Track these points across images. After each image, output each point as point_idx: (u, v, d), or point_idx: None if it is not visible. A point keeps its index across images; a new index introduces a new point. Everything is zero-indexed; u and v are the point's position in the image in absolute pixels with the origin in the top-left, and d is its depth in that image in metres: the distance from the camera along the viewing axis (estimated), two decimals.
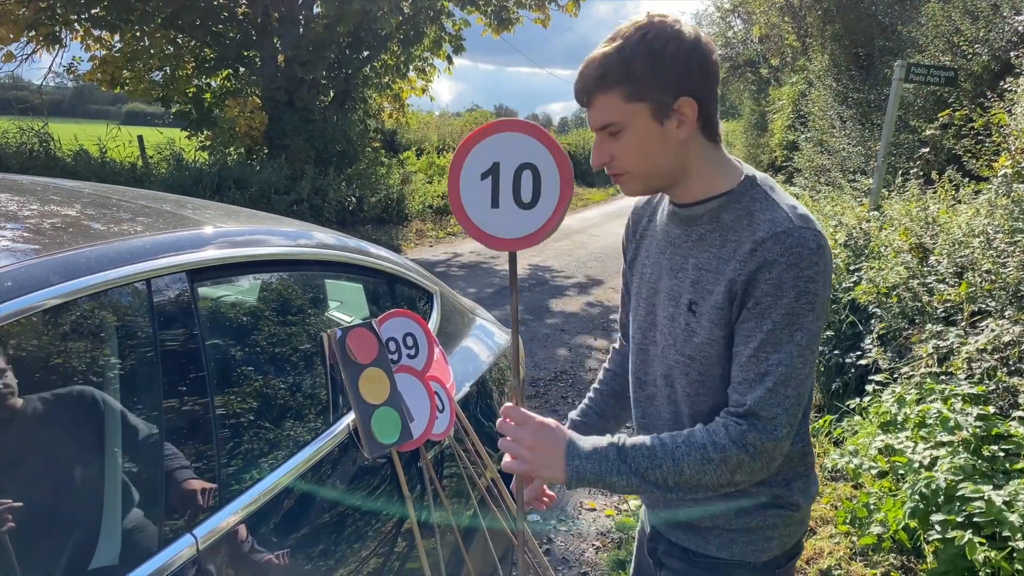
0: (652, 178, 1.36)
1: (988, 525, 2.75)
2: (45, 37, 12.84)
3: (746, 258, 1.27)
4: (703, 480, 1.30)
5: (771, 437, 1.27)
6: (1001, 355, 3.72)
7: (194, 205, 2.10)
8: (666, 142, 1.30)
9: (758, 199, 1.32)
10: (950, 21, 8.12)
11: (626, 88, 1.26)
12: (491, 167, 1.30)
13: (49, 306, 1.22)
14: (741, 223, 1.31)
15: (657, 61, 1.24)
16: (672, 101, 1.27)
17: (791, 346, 1.25)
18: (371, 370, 1.93)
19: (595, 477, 1.31)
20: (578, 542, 3.71)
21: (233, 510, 1.46)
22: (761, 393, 1.27)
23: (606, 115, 1.29)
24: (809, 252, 1.23)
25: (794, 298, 1.23)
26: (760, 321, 1.26)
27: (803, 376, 1.28)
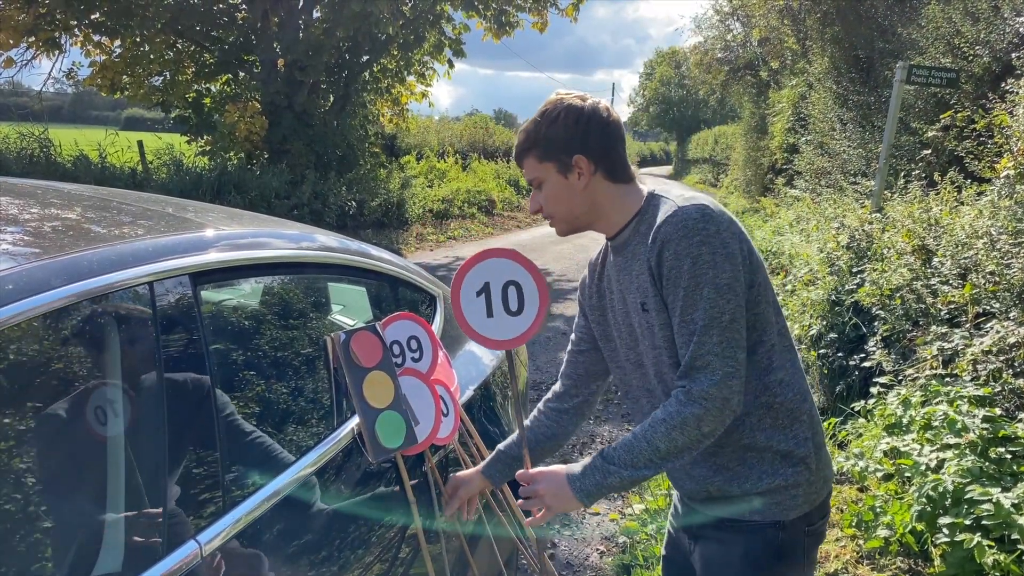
0: (570, 219, 1.68)
1: (997, 528, 2.73)
2: (45, 43, 12.84)
3: (651, 246, 1.52)
4: (679, 444, 1.51)
5: (710, 382, 1.47)
6: (1006, 357, 3.70)
7: (196, 208, 2.08)
8: (572, 190, 1.63)
9: (656, 203, 1.60)
10: (950, 23, 8.11)
11: (536, 151, 1.64)
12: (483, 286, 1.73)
13: (50, 309, 1.20)
14: (650, 225, 1.57)
15: (552, 130, 1.61)
16: (569, 159, 1.61)
17: (702, 301, 1.47)
18: (375, 374, 1.91)
19: (597, 487, 1.58)
20: (582, 546, 3.69)
21: (237, 516, 1.44)
22: (692, 348, 1.48)
23: (530, 172, 1.66)
24: (693, 222, 1.47)
25: (691, 263, 1.46)
26: (675, 292, 1.49)
27: (724, 322, 1.47)
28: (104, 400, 1.29)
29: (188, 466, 1.39)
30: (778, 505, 1.62)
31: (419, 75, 16.88)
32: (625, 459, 1.55)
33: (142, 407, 1.34)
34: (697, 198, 1.53)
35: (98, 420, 1.28)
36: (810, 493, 1.63)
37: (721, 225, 1.49)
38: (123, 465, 1.29)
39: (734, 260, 1.48)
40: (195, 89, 14.48)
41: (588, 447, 4.87)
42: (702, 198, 1.54)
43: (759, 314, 1.56)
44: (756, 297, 1.55)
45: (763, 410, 1.59)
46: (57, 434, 1.24)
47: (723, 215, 1.52)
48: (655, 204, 1.60)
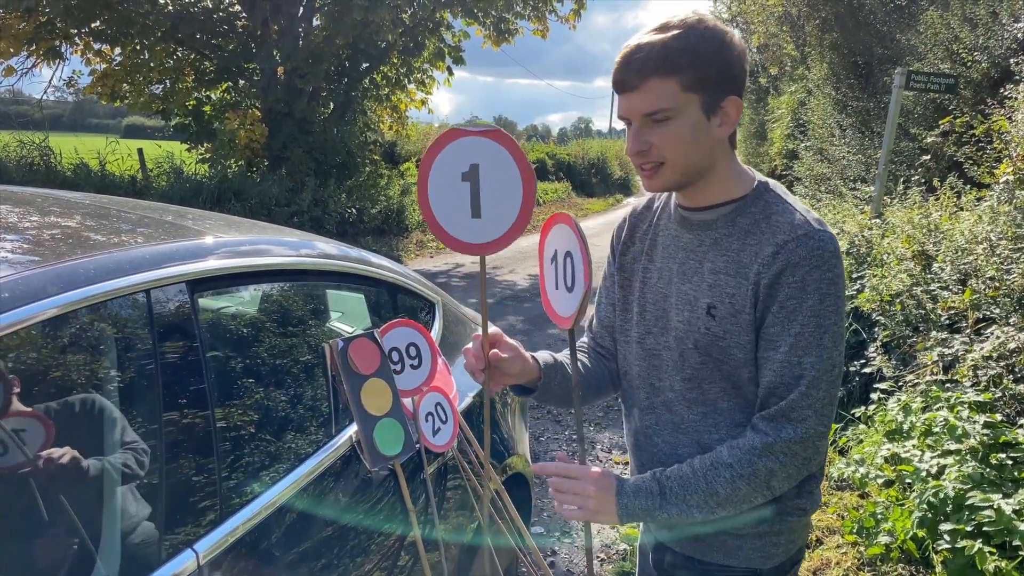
0: (686, 172, 1.33)
1: (998, 534, 2.72)
2: (45, 51, 12.86)
3: (769, 261, 1.28)
4: (741, 495, 1.32)
5: (799, 438, 1.29)
6: (1007, 362, 3.69)
7: (194, 216, 2.08)
8: (708, 138, 1.30)
9: (773, 203, 1.34)
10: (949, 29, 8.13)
11: (687, 76, 1.25)
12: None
13: (47, 317, 1.20)
14: (759, 227, 1.32)
15: (719, 55, 1.26)
16: (722, 98, 1.28)
17: (820, 349, 1.27)
18: (373, 381, 1.90)
19: (644, 513, 1.36)
20: (582, 554, 3.67)
21: (235, 524, 1.43)
22: (794, 396, 1.28)
23: (658, 101, 1.26)
24: (829, 254, 1.26)
25: (818, 300, 1.26)
26: (787, 325, 1.28)
27: (832, 378, 1.29)
28: (101, 407, 1.29)
29: (185, 474, 1.38)
30: (758, 551, 1.46)
31: (419, 82, 16.89)
32: (680, 494, 1.34)
33: (139, 414, 1.34)
34: (822, 220, 1.31)
35: (95, 427, 1.27)
36: (791, 542, 1.48)
37: (842, 265, 1.30)
38: (119, 474, 1.29)
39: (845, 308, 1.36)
40: (195, 97, 14.49)
41: (588, 454, 4.86)
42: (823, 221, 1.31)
43: None
44: None
45: None
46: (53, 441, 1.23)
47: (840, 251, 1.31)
48: (771, 202, 1.34)
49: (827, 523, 3.67)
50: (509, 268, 11.95)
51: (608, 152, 32.34)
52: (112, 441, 1.29)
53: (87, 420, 1.27)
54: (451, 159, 1.33)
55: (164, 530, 1.31)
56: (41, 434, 1.20)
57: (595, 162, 30.64)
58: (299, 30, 14.05)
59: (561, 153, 29.57)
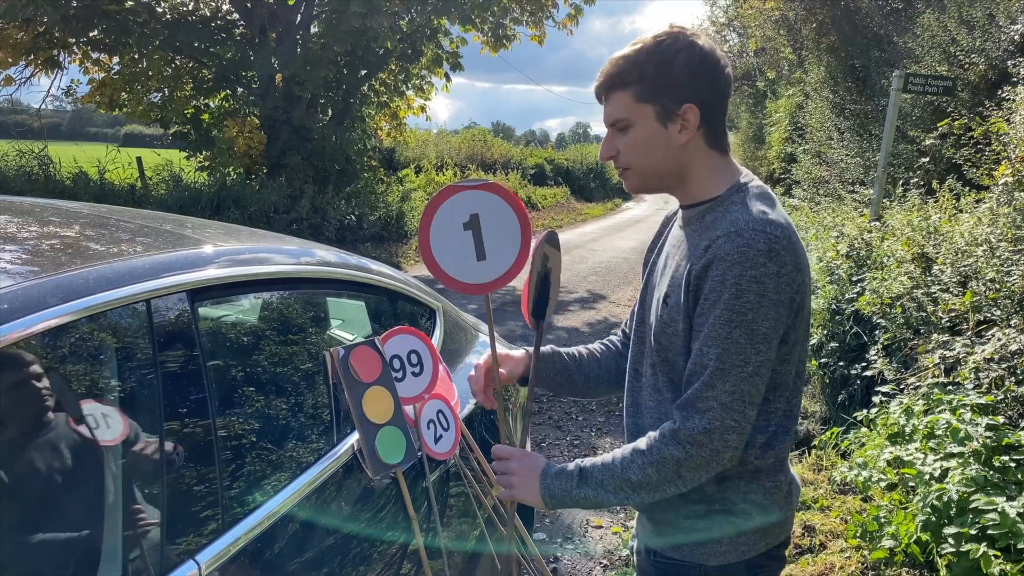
0: (651, 177, 1.45)
1: (1002, 537, 2.71)
2: (44, 61, 12.88)
3: (701, 254, 1.33)
4: (652, 481, 1.37)
5: (703, 428, 1.32)
6: (1009, 364, 3.68)
7: (194, 224, 2.08)
8: (667, 144, 1.39)
9: (736, 203, 1.38)
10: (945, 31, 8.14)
11: (636, 88, 1.36)
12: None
13: (47, 328, 1.19)
14: (714, 224, 1.37)
15: (667, 67, 1.35)
16: (677, 106, 1.36)
17: (728, 342, 1.29)
18: (375, 389, 1.90)
19: (563, 495, 1.45)
20: (585, 561, 3.66)
21: (237, 535, 1.43)
22: (697, 385, 1.33)
23: (617, 111, 1.40)
24: (756, 252, 1.27)
25: (734, 295, 1.28)
26: (706, 317, 1.32)
27: (744, 374, 1.30)
28: (101, 417, 1.28)
29: (187, 484, 1.37)
30: (699, 547, 1.47)
31: (417, 89, 16.93)
32: (598, 478, 1.42)
33: (140, 425, 1.33)
34: (773, 224, 1.31)
35: (95, 438, 1.26)
36: (740, 544, 1.47)
37: (783, 267, 1.29)
38: (121, 484, 1.28)
39: (780, 310, 1.30)
40: (193, 105, 14.51)
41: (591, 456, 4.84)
42: (779, 225, 1.32)
43: (779, 372, 1.39)
44: (784, 355, 1.38)
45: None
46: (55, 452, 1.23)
47: (790, 254, 1.30)
48: (734, 202, 1.38)
49: (830, 527, 3.66)
50: None
51: None
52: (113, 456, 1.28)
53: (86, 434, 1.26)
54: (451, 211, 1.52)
55: (166, 540, 1.30)
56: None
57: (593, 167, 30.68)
58: (297, 37, 14.07)
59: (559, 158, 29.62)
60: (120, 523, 1.26)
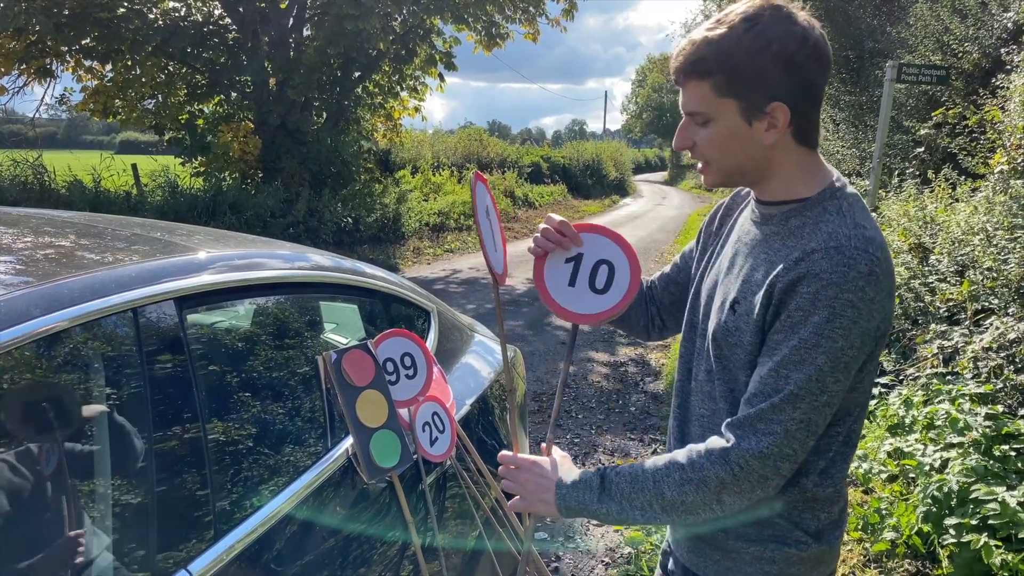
0: (733, 174, 1.32)
1: (1003, 527, 2.70)
2: (36, 70, 12.86)
3: (791, 266, 1.20)
4: (688, 502, 1.26)
5: (758, 452, 1.21)
6: (1007, 353, 3.68)
7: (183, 231, 2.07)
8: (751, 142, 1.26)
9: (830, 211, 1.25)
10: (939, 20, 8.14)
11: (720, 80, 1.21)
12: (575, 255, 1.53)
13: (31, 339, 1.18)
14: (804, 231, 1.25)
15: (757, 60, 1.19)
16: (765, 103, 1.22)
17: (811, 367, 1.18)
18: (368, 393, 1.89)
19: (581, 507, 1.34)
20: (587, 559, 3.65)
21: (229, 543, 1.41)
22: (766, 406, 1.21)
23: (694, 103, 1.26)
24: (856, 275, 1.15)
25: (827, 318, 1.16)
26: (788, 336, 1.20)
27: (818, 404, 1.19)
28: (88, 429, 1.27)
29: (177, 495, 1.36)
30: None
31: (411, 90, 16.91)
32: (624, 491, 1.30)
33: (128, 436, 1.32)
34: (874, 242, 1.19)
35: (82, 450, 1.25)
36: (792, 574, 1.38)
37: (879, 293, 1.17)
38: (109, 496, 1.27)
39: (867, 338, 1.19)
40: (188, 111, 14.49)
41: (590, 456, 4.84)
42: (878, 244, 1.20)
43: (848, 400, 1.27)
44: (857, 383, 1.26)
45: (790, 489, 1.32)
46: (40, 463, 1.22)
47: (887, 279, 1.19)
48: (828, 209, 1.25)
49: None
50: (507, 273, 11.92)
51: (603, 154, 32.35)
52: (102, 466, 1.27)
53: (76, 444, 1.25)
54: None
55: (156, 550, 1.29)
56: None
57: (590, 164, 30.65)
58: (290, 40, 14.06)
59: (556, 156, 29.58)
60: (109, 533, 1.25)
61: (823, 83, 1.25)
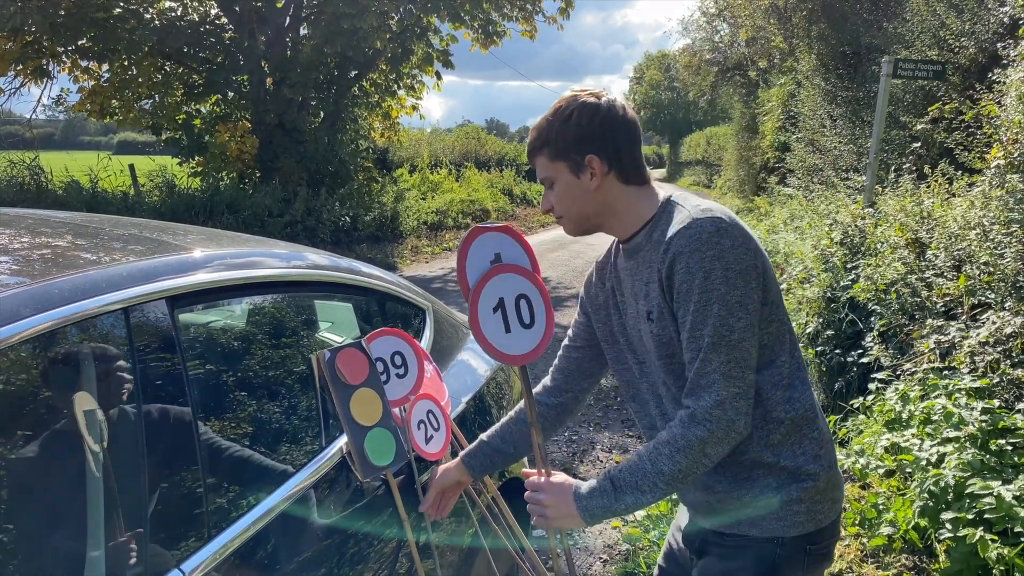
0: (581, 220, 1.62)
1: (999, 521, 2.71)
2: (33, 70, 12.85)
3: (663, 256, 1.46)
4: (683, 467, 1.45)
5: (714, 402, 1.42)
6: (1003, 347, 3.68)
7: (176, 231, 2.06)
8: (584, 191, 1.57)
9: (672, 211, 1.53)
10: (935, 15, 8.13)
11: (548, 150, 1.57)
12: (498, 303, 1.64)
13: (21, 339, 1.18)
14: (664, 233, 1.50)
15: (564, 128, 1.54)
16: (581, 159, 1.54)
17: (712, 318, 1.41)
18: (362, 391, 1.88)
19: (603, 510, 1.51)
20: (585, 556, 3.65)
21: (222, 542, 1.42)
22: (697, 365, 1.43)
23: (542, 171, 1.60)
24: (708, 235, 1.41)
25: (703, 278, 1.40)
26: (685, 306, 1.44)
27: (733, 342, 1.42)
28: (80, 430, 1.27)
29: (170, 494, 1.36)
30: (778, 520, 1.56)
31: (409, 88, 16.90)
32: (631, 482, 1.49)
33: (120, 436, 1.32)
34: (713, 209, 1.47)
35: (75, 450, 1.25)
36: (814, 512, 1.57)
37: (736, 240, 1.43)
38: (102, 496, 1.27)
39: (747, 276, 1.43)
40: (185, 111, 14.48)
41: (588, 454, 4.84)
42: (718, 209, 1.48)
43: (771, 332, 1.52)
44: (768, 315, 1.50)
45: (771, 425, 1.53)
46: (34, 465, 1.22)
47: (738, 228, 1.45)
48: (670, 211, 1.54)
49: None
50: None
51: None
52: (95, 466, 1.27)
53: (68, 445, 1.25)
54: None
55: (149, 549, 1.29)
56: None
57: None
58: (286, 39, 14.05)
59: None
60: (102, 532, 1.25)
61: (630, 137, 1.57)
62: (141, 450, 1.32)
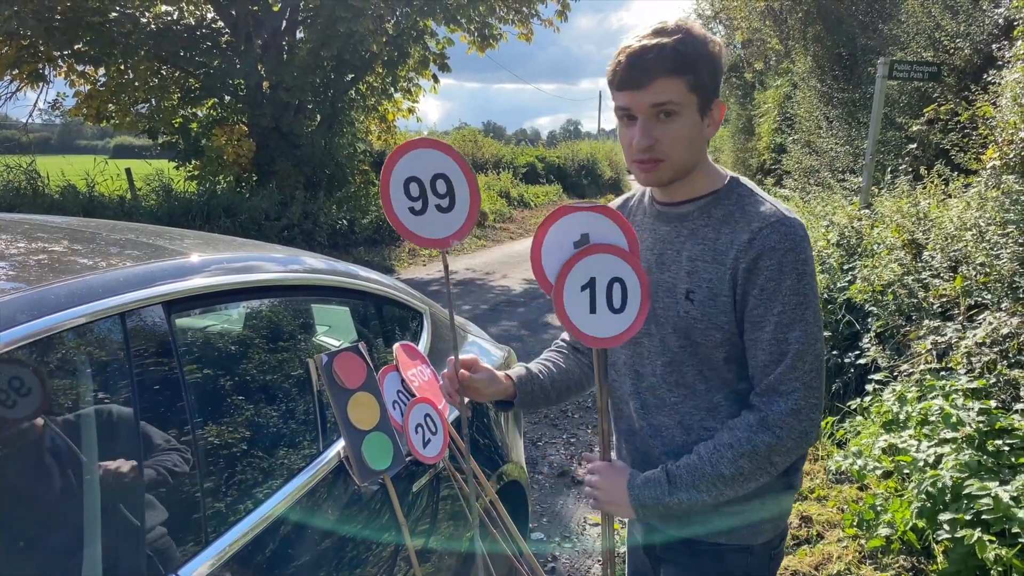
0: (680, 169, 1.43)
1: (997, 522, 2.71)
2: (29, 75, 12.83)
3: (745, 247, 1.37)
4: (746, 472, 1.38)
5: (791, 410, 1.36)
6: (1000, 348, 3.68)
7: (171, 235, 2.06)
8: (700, 138, 1.41)
9: (745, 196, 1.44)
10: (930, 17, 8.15)
11: (692, 78, 1.35)
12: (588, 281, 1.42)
13: (17, 346, 1.17)
14: (734, 217, 1.41)
15: (714, 61, 1.38)
16: (712, 101, 1.40)
17: (803, 324, 1.36)
18: (360, 395, 1.89)
19: (655, 502, 1.44)
20: (583, 558, 3.65)
21: (220, 547, 1.41)
22: (781, 369, 1.36)
23: (664, 95, 1.34)
24: (800, 239, 1.36)
25: (796, 279, 1.35)
26: (770, 305, 1.36)
27: (816, 352, 1.37)
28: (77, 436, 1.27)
29: (168, 499, 1.36)
30: (749, 529, 1.51)
31: (405, 91, 16.89)
32: (687, 480, 1.41)
33: (116, 442, 1.31)
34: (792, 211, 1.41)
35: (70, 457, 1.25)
36: (779, 518, 1.55)
37: (811, 250, 1.39)
38: (99, 502, 1.26)
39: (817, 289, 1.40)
40: (181, 114, 14.46)
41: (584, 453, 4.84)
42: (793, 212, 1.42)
43: None
44: None
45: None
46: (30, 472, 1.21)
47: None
48: (741, 195, 1.44)
49: (827, 517, 3.65)
50: (502, 273, 11.95)
51: (598, 153, 32.37)
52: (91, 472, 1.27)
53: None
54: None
55: (147, 556, 1.28)
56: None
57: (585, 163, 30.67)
58: (282, 43, 14.04)
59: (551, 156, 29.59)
60: (99, 539, 1.24)
61: None
62: (139, 456, 1.32)
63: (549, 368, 1.76)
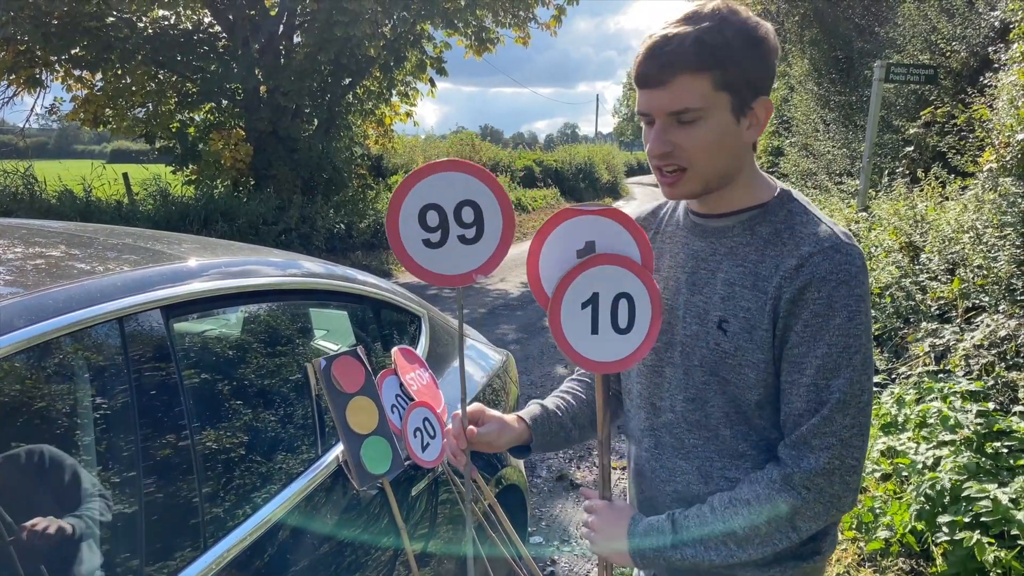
0: (710, 179, 1.22)
1: (996, 524, 2.71)
2: (26, 79, 12.81)
3: (792, 274, 1.16)
4: (761, 534, 1.19)
5: (821, 469, 1.15)
6: (998, 350, 3.69)
7: (169, 240, 2.06)
8: (736, 142, 1.20)
9: (797, 213, 1.23)
10: (926, 20, 8.18)
11: (719, 74, 1.14)
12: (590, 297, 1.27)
13: (15, 351, 1.17)
14: (781, 237, 1.21)
15: (755, 52, 1.15)
16: (752, 99, 1.18)
17: (850, 370, 1.15)
18: (359, 399, 1.88)
19: (655, 554, 1.26)
20: (583, 562, 3.65)
21: (219, 552, 1.41)
22: (816, 421, 1.16)
23: (687, 99, 1.15)
24: (857, 271, 1.15)
25: (847, 318, 1.14)
26: (813, 345, 1.15)
27: (862, 404, 1.16)
28: (74, 441, 1.26)
29: (166, 506, 1.36)
30: None
31: (402, 95, 16.90)
32: (695, 533, 1.23)
33: (114, 446, 1.31)
34: (849, 233, 1.20)
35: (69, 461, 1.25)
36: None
37: (868, 284, 1.18)
38: (97, 507, 1.26)
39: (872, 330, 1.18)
40: (178, 119, 14.46)
41: (585, 459, 4.84)
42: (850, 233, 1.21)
43: None
44: None
45: None
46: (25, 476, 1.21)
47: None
48: (792, 211, 1.23)
49: None
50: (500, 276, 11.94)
51: (595, 157, 32.40)
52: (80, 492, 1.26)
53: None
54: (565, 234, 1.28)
55: (145, 562, 1.28)
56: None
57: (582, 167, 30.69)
58: (280, 47, 14.05)
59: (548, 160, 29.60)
60: (98, 543, 1.24)
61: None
62: (137, 462, 1.31)
63: (568, 401, 1.56)
